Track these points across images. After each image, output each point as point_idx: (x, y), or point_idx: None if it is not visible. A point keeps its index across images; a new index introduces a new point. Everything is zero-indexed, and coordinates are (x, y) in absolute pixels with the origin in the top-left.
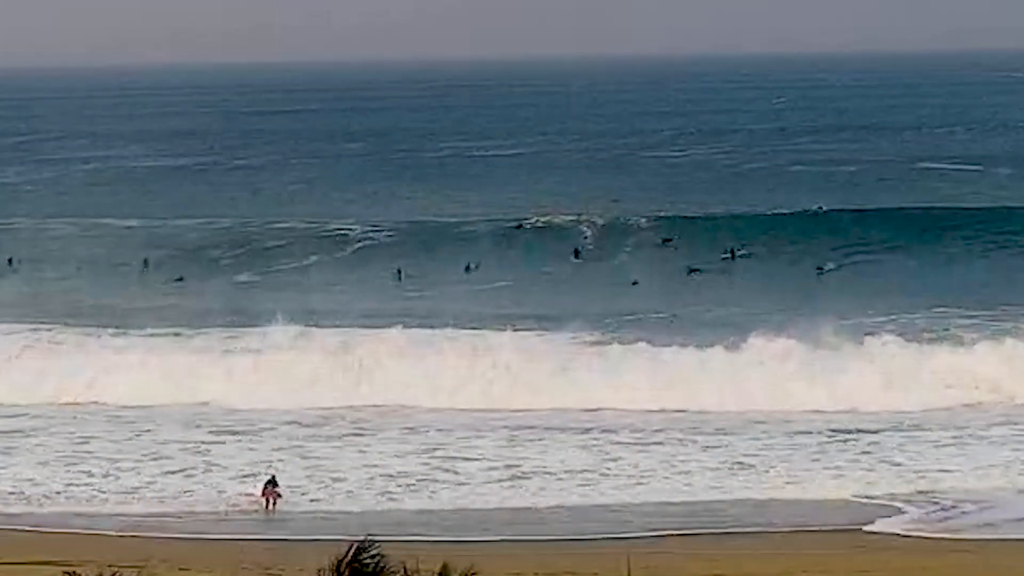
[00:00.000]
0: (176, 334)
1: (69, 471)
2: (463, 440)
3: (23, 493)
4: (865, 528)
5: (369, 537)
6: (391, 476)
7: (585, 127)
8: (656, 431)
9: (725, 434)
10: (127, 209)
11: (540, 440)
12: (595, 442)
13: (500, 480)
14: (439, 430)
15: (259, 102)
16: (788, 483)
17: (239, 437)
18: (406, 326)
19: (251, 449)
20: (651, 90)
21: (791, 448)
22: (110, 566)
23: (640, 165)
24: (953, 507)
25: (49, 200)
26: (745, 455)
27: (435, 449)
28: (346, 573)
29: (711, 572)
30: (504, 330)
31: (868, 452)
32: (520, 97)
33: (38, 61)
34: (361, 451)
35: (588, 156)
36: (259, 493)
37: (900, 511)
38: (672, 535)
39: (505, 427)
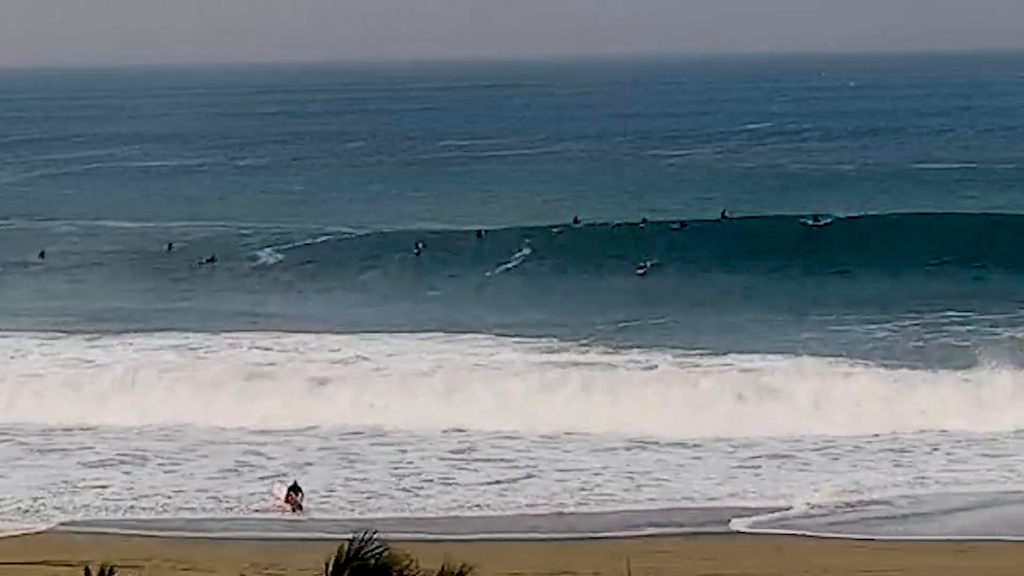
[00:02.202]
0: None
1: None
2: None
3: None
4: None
5: (370, 532)
6: (398, 477)
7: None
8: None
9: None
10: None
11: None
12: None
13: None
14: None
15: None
16: None
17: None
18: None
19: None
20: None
21: None
22: (111, 565)
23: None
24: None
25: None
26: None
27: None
28: (348, 570)
29: (710, 572)
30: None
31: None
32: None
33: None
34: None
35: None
36: (283, 498)
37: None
38: (671, 535)
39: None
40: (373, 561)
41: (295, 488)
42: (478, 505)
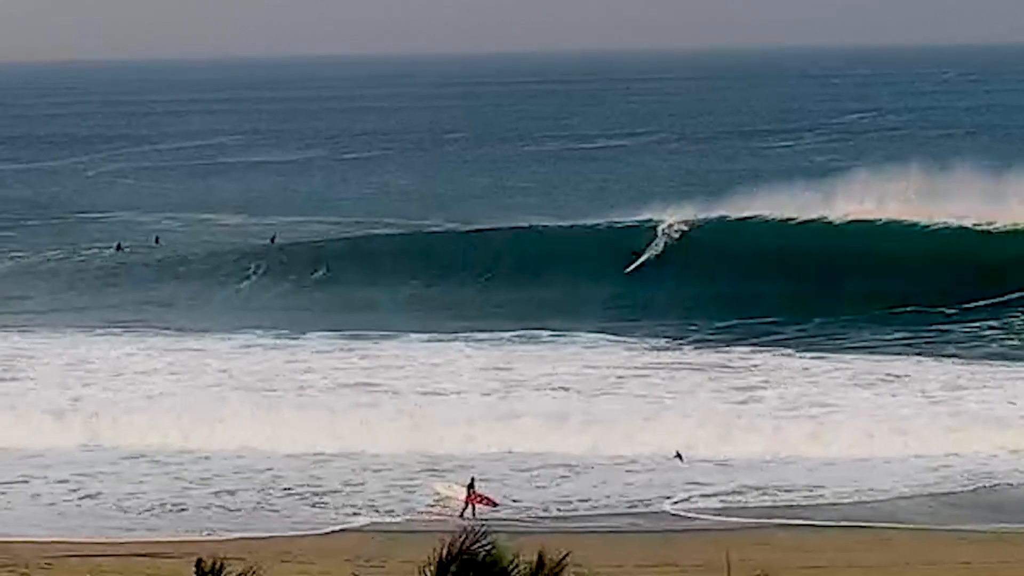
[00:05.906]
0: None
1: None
2: None
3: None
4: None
5: (480, 527)
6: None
7: None
8: None
9: None
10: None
11: None
12: None
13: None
14: None
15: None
16: None
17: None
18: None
19: None
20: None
21: None
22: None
23: None
24: None
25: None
26: None
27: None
28: (455, 565)
29: (811, 564)
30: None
31: None
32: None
33: None
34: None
35: None
36: (463, 498)
37: None
38: (773, 526)
39: None
40: (482, 555)
41: (471, 485)
42: (584, 500)
